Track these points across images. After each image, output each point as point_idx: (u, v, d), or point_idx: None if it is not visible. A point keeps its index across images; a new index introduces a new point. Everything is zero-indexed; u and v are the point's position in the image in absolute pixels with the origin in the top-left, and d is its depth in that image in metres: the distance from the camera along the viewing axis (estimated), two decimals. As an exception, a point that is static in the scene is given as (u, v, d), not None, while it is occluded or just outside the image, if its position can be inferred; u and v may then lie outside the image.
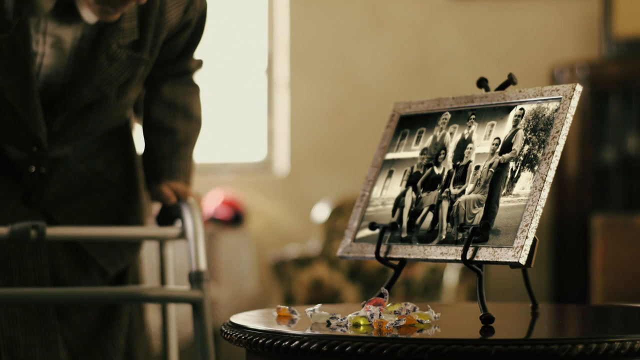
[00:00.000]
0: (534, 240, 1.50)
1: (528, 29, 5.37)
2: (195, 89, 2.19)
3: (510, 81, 1.67)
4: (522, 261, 1.47)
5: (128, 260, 2.17)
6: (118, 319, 2.13)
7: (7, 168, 2.02)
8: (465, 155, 1.64)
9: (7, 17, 1.87)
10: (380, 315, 1.44)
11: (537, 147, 1.55)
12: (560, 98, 1.57)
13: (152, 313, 2.59)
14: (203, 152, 5.44)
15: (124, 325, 2.14)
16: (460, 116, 1.69)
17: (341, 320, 1.47)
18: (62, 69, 1.97)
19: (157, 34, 2.02)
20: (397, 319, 1.44)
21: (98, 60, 1.97)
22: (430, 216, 1.62)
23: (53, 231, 1.96)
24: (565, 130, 1.54)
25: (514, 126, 1.60)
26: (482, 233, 1.52)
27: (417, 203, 1.66)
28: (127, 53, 1.99)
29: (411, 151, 1.73)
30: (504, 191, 1.55)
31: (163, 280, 2.21)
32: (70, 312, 2.07)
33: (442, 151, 1.67)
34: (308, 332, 1.41)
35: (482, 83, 1.72)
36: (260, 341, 1.41)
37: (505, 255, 1.48)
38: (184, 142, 2.14)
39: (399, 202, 1.69)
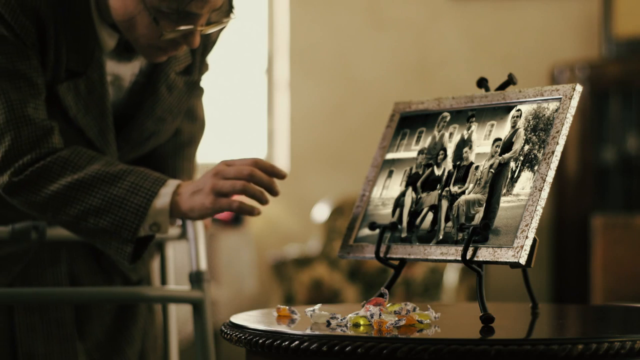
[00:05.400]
0: (534, 240, 1.51)
1: (528, 29, 5.38)
2: (199, 91, 2.20)
3: (510, 81, 1.68)
4: (522, 261, 1.47)
5: (149, 265, 2.18)
6: (135, 321, 2.14)
7: None
8: (465, 155, 1.64)
9: (85, 58, 1.88)
10: (380, 315, 1.45)
11: (537, 147, 1.55)
12: (560, 98, 1.57)
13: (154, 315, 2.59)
14: (203, 152, 5.44)
15: (140, 328, 2.15)
16: (460, 116, 1.69)
17: (341, 320, 1.47)
18: (119, 102, 1.98)
19: (204, 53, 2.04)
20: (397, 319, 1.44)
21: (159, 92, 1.98)
22: (430, 216, 1.63)
23: (54, 232, 1.96)
24: (565, 130, 1.54)
25: (514, 126, 1.60)
26: (482, 233, 1.53)
27: (417, 203, 1.66)
28: (183, 79, 2.01)
29: (411, 151, 1.73)
30: (504, 191, 1.55)
31: (163, 280, 2.21)
32: (88, 321, 2.07)
33: (442, 151, 1.68)
34: (308, 332, 1.41)
35: (482, 83, 1.72)
36: (260, 341, 1.41)
37: (505, 255, 1.48)
38: (187, 142, 2.15)
39: (398, 202, 1.69)
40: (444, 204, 1.62)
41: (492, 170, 1.58)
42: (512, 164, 1.56)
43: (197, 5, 1.78)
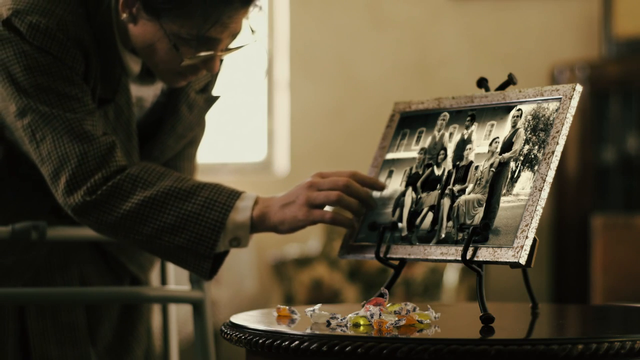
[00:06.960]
0: (534, 240, 1.51)
1: (528, 29, 5.37)
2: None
3: (510, 81, 1.68)
4: (522, 261, 1.47)
5: (155, 265, 2.18)
6: (141, 319, 2.14)
7: (36, 186, 1.99)
8: (465, 155, 1.64)
9: (113, 84, 1.88)
10: (380, 315, 1.45)
11: (537, 147, 1.55)
12: (560, 98, 1.57)
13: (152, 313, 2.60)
14: (203, 152, 5.43)
15: (145, 325, 2.15)
16: (460, 116, 1.69)
17: (341, 320, 1.47)
18: (139, 120, 1.99)
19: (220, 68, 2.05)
20: (397, 319, 1.44)
21: (180, 111, 1.98)
22: (430, 216, 1.63)
23: (54, 232, 1.96)
24: (565, 130, 1.54)
25: (514, 126, 1.60)
26: (482, 233, 1.52)
27: (417, 203, 1.66)
28: (203, 97, 2.02)
29: (411, 151, 1.73)
30: (504, 191, 1.55)
31: (164, 280, 2.21)
32: (98, 325, 2.07)
33: (442, 151, 1.68)
34: (308, 332, 1.41)
35: (482, 83, 1.72)
36: (260, 341, 1.41)
37: (505, 255, 1.48)
38: (188, 142, 2.16)
39: (399, 202, 1.69)
40: (444, 204, 1.62)
41: (492, 170, 1.58)
42: (512, 164, 1.56)
43: (217, 31, 1.77)
